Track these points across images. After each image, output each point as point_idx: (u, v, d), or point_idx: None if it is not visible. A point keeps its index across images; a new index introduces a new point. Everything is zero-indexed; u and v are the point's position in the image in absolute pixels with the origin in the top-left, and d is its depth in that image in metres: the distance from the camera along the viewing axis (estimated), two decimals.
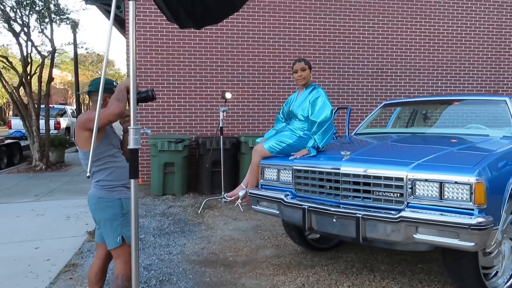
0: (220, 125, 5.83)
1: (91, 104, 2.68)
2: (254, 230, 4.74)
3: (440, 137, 3.71)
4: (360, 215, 2.62)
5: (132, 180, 1.75)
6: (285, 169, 3.28)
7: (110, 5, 10.18)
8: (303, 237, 3.81)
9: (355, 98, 8.04)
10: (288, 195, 3.15)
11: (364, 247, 3.99)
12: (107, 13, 11.05)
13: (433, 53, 8.29)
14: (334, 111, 3.60)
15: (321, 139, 3.24)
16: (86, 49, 18.49)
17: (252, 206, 3.50)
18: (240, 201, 3.62)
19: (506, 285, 2.90)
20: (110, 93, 2.40)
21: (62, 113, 17.48)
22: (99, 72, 20.88)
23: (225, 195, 3.71)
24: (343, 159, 2.87)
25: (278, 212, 3.22)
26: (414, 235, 2.48)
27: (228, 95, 5.70)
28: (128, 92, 2.36)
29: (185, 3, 2.16)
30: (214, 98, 7.46)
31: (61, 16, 10.68)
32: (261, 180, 3.49)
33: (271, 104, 7.73)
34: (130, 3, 1.71)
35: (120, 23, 12.33)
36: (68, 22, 11.58)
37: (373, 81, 8.13)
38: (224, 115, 5.75)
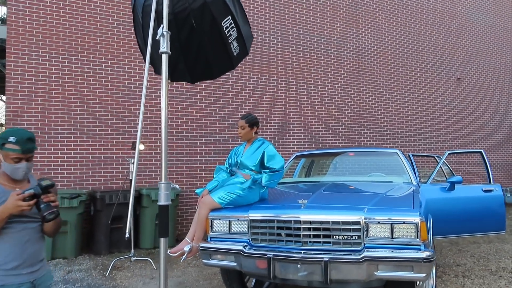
0: (130, 178, 5.51)
1: None
2: None
3: (360, 184, 4.27)
4: (327, 259, 2.84)
5: (162, 240, 1.65)
6: (238, 220, 3.33)
7: None
8: None
9: None
10: (246, 246, 3.20)
11: None
12: None
13: (310, 110, 9.43)
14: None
15: (268, 178, 3.45)
16: None
17: (203, 260, 3.41)
18: (185, 256, 3.50)
19: None
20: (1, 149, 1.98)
21: None
22: None
23: (169, 252, 3.52)
24: (301, 207, 3.10)
25: (235, 264, 3.22)
26: (375, 273, 2.81)
27: (140, 147, 5.47)
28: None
29: (188, 57, 2.19)
30: (109, 149, 7.01)
31: None
32: (211, 233, 3.45)
33: (169, 156, 7.63)
34: (163, 56, 1.69)
35: None
36: None
37: (263, 134, 8.77)
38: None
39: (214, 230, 3.44)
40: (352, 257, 2.83)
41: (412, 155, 5.59)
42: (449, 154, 4.90)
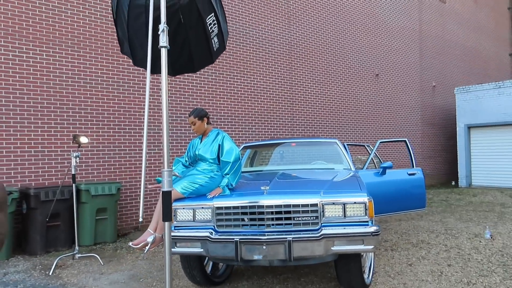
0: (72, 172, 5.30)
1: None
2: (135, 280, 4.52)
3: (306, 172, 4.63)
4: (290, 239, 3.13)
5: (166, 223, 1.78)
6: (202, 208, 3.48)
7: None
8: (205, 274, 3.98)
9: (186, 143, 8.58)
10: (212, 232, 3.37)
11: (245, 272, 4.45)
12: None
13: (247, 103, 9.71)
14: None
15: (233, 178, 3.63)
16: None
17: None
18: (148, 247, 3.56)
19: (370, 278, 3.89)
20: None
21: None
22: None
23: (130, 244, 3.54)
24: (264, 193, 3.35)
25: (202, 250, 3.37)
26: (332, 248, 3.16)
27: (84, 140, 5.29)
28: None
29: (173, 50, 2.27)
30: (39, 143, 6.61)
31: None
32: (175, 222, 3.55)
33: (106, 149, 7.40)
34: (163, 50, 1.79)
35: None
36: None
37: None
38: (77, 161, 5.28)
39: (178, 219, 3.55)
40: (312, 235, 3.15)
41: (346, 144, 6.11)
42: (380, 142, 5.50)
